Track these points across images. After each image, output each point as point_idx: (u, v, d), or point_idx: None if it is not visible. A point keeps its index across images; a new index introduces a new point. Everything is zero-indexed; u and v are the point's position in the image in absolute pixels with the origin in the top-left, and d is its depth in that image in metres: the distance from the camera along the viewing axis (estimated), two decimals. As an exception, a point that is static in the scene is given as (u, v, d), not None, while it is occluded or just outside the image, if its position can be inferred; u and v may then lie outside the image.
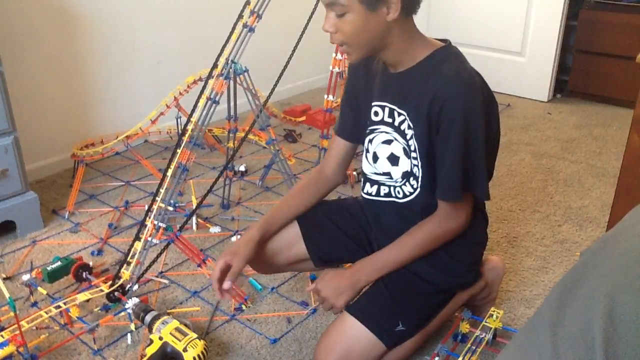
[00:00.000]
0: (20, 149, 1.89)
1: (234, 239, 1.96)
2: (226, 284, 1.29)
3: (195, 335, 1.36)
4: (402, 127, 1.26)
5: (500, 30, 3.33)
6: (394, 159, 1.30)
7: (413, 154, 1.26)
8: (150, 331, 1.41)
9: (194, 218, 2.00)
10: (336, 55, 2.05)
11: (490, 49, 3.33)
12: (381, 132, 1.30)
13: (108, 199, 2.21)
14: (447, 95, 1.15)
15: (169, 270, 1.80)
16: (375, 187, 1.37)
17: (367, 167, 1.36)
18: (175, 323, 1.40)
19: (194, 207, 1.90)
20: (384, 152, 1.31)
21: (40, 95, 2.34)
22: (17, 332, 1.36)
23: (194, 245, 1.76)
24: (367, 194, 1.39)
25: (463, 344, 1.42)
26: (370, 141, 1.33)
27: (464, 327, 1.46)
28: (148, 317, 1.43)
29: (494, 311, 1.47)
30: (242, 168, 2.41)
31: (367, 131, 1.33)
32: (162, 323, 1.40)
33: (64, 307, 1.49)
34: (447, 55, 1.21)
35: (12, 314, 1.35)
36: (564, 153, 2.67)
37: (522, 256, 1.87)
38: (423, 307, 1.34)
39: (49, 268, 1.67)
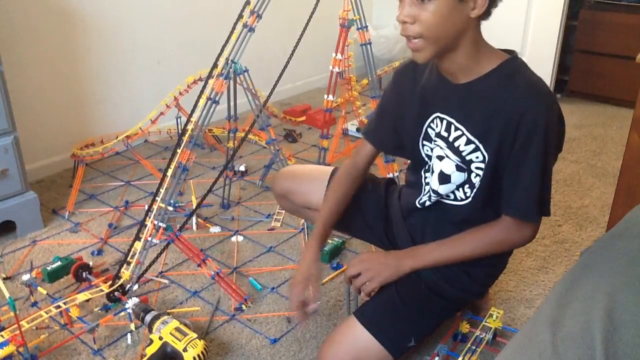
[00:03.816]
0: (20, 149, 1.89)
1: (233, 239, 1.96)
2: (312, 307, 1.27)
3: (195, 335, 1.36)
4: (457, 144, 1.20)
5: (500, 30, 3.32)
6: (443, 177, 1.25)
7: (475, 165, 1.20)
8: (150, 331, 1.41)
9: (194, 218, 2.00)
10: (336, 55, 2.05)
11: (490, 49, 3.32)
12: (437, 145, 1.25)
13: (108, 199, 2.21)
14: (526, 109, 1.10)
15: (169, 270, 1.80)
16: (422, 197, 1.33)
17: (427, 177, 1.32)
18: (175, 323, 1.40)
19: (194, 207, 1.90)
20: (436, 167, 1.26)
21: (40, 95, 2.34)
22: (17, 332, 1.36)
23: (194, 245, 1.76)
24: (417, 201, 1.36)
25: (463, 344, 1.42)
26: (431, 151, 1.28)
27: (464, 327, 1.46)
28: (148, 317, 1.43)
29: (494, 311, 1.47)
30: (242, 168, 2.41)
31: (422, 143, 1.29)
32: (162, 323, 1.40)
33: (64, 307, 1.49)
34: (516, 67, 1.16)
35: (12, 314, 1.35)
36: (564, 153, 2.64)
37: (522, 256, 1.87)
38: (434, 321, 1.34)
39: (49, 268, 1.68)
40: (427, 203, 1.32)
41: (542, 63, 3.26)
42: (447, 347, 1.39)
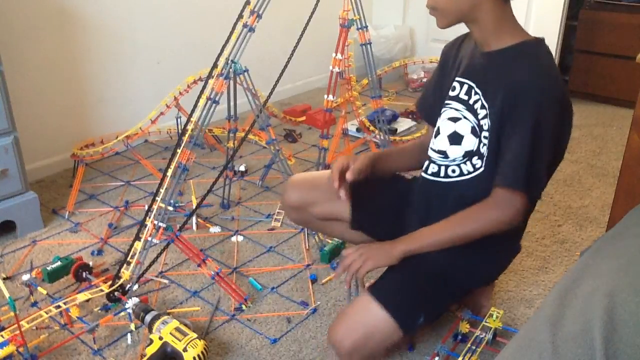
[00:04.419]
0: (20, 149, 1.89)
1: (233, 239, 1.96)
2: (349, 176, 1.31)
3: (195, 335, 1.36)
4: (476, 106, 1.26)
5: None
6: (455, 138, 1.29)
7: (484, 134, 1.25)
8: (150, 331, 1.41)
9: (194, 218, 2.00)
10: (336, 55, 2.05)
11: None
12: (451, 108, 1.30)
13: (108, 199, 2.21)
14: (525, 84, 1.16)
15: (169, 270, 1.80)
16: (426, 163, 1.37)
17: (430, 142, 1.37)
18: (175, 323, 1.40)
19: (194, 207, 1.90)
20: (447, 129, 1.30)
21: (40, 95, 2.34)
22: (17, 332, 1.36)
23: (194, 245, 1.76)
24: (422, 170, 1.40)
25: (463, 344, 1.42)
26: (439, 116, 1.33)
27: (464, 327, 1.46)
28: (148, 317, 1.43)
29: (494, 311, 1.47)
30: (242, 168, 2.41)
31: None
32: (162, 323, 1.40)
33: (64, 307, 1.49)
34: (533, 49, 1.22)
35: (12, 314, 1.35)
36: (564, 153, 2.67)
37: (522, 256, 1.87)
38: (444, 302, 1.37)
39: (49, 268, 1.68)
40: (434, 169, 1.34)
41: (542, 63, 3.26)
42: (447, 347, 1.39)
